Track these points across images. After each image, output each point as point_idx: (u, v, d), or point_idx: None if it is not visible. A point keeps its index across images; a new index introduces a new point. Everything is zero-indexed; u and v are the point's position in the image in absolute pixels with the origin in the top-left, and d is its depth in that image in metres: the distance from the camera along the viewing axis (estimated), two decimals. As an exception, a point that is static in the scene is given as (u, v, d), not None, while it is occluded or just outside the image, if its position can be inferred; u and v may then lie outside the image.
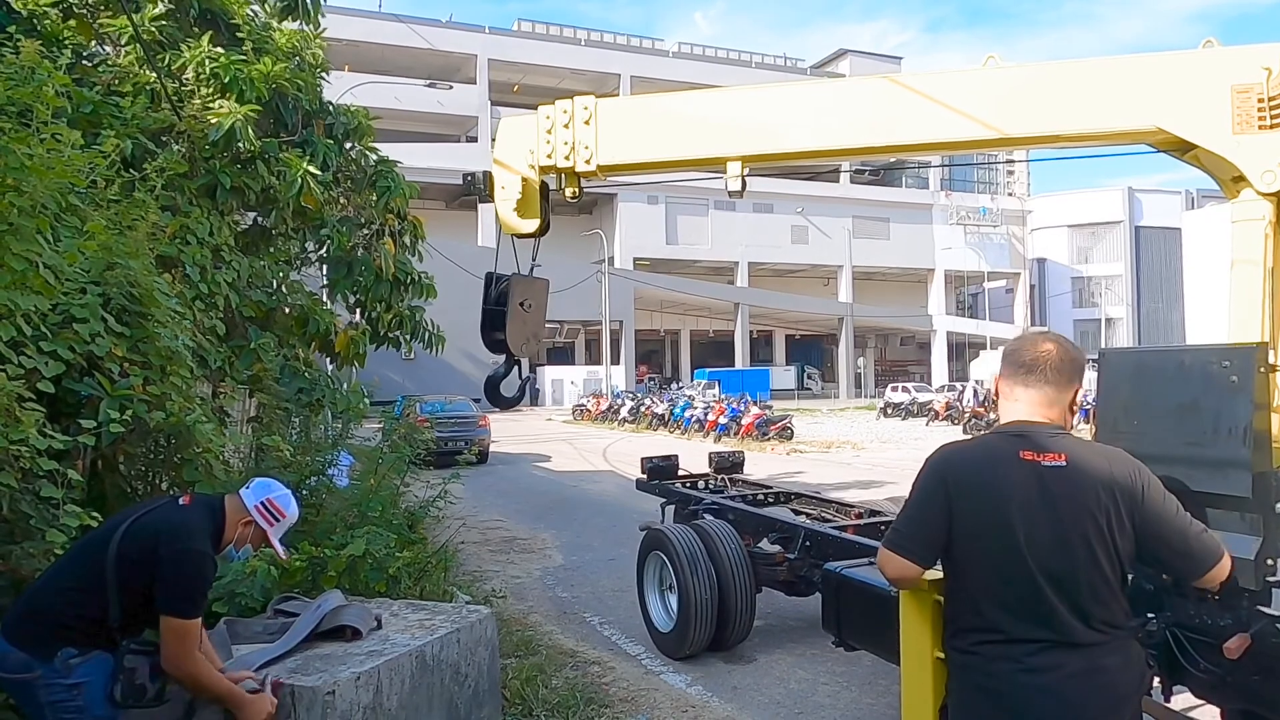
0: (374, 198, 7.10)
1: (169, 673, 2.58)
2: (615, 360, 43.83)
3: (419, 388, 27.97)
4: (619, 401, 31.66)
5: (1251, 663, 2.56)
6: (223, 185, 5.56)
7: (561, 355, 51.44)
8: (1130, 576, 2.28)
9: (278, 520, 2.87)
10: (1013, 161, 57.57)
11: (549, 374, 46.23)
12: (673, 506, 6.79)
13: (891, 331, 59.64)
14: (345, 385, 6.29)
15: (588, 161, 4.02)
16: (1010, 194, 61.53)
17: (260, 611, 3.69)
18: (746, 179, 3.90)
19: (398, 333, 7.35)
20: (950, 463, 2.11)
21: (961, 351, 55.05)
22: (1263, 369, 2.50)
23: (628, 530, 9.28)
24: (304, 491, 5.29)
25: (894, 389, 37.40)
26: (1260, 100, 3.27)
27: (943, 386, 40.08)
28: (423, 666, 3.29)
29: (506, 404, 4.66)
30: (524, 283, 4.37)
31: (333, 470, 5.77)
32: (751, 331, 52.04)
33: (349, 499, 5.48)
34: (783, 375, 51.53)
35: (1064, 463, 2.02)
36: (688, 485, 7.10)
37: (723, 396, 29.20)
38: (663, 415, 26.89)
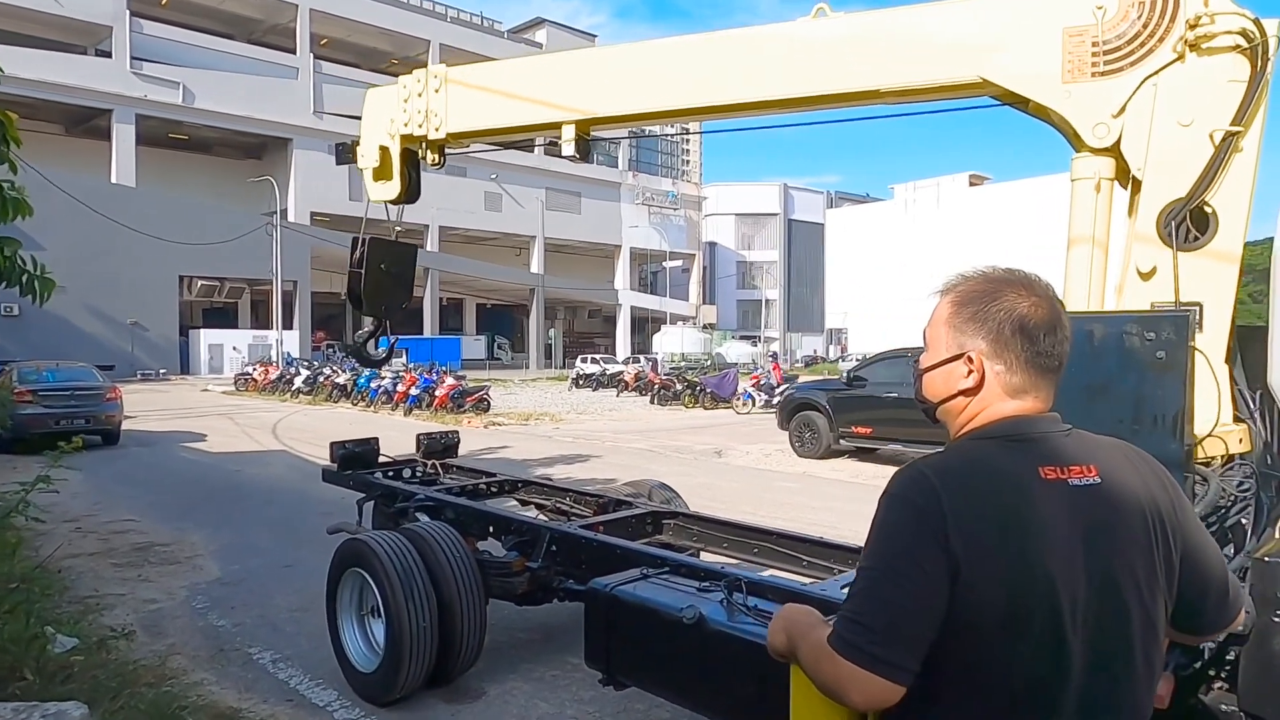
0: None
1: None
2: (288, 325, 39.37)
3: (25, 351, 22.73)
4: (292, 370, 28.38)
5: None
6: None
7: (222, 317, 45.25)
8: None
9: None
10: (688, 133, 61.42)
11: (205, 338, 40.21)
12: (373, 503, 5.50)
13: (580, 304, 60.92)
14: None
15: (437, 129, 4.19)
16: (689, 180, 65.93)
17: None
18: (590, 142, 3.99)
19: None
20: (945, 503, 1.21)
21: (643, 325, 57.95)
22: (1193, 342, 2.03)
23: (308, 525, 7.67)
24: None
25: (584, 360, 38.00)
26: (1095, 44, 2.92)
27: (628, 358, 41.62)
28: None
29: (375, 363, 5.06)
30: (384, 246, 4.59)
31: None
32: (441, 299, 50.13)
33: None
34: (473, 345, 50.30)
35: (1097, 479, 1.29)
36: (390, 475, 5.81)
37: (412, 365, 27.43)
38: (345, 386, 24.44)
